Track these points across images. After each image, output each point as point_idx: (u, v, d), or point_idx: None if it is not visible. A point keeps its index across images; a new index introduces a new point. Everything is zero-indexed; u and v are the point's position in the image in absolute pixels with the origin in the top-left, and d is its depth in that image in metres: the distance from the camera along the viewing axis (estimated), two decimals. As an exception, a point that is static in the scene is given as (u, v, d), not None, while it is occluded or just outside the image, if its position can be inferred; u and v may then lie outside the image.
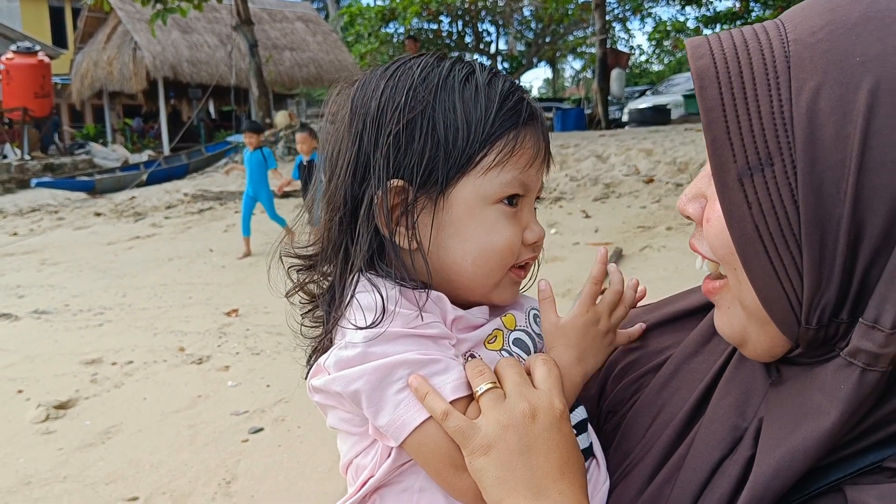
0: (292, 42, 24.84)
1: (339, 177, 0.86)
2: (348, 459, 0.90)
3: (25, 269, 9.08)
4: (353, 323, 0.81)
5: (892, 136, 0.55)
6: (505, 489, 0.72)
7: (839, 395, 0.61)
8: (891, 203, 0.56)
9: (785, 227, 0.61)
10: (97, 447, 4.19)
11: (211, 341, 5.93)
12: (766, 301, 0.65)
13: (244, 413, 4.51)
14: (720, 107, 0.62)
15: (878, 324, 0.58)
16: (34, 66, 18.07)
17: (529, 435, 0.73)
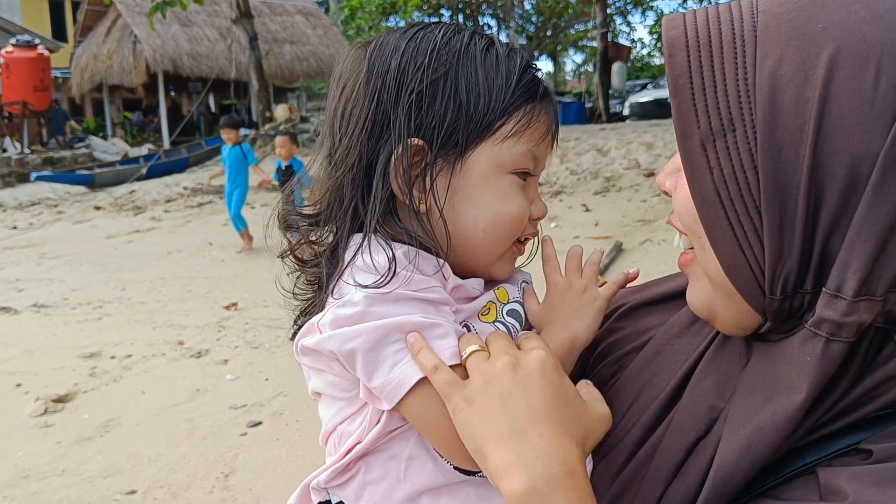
0: (292, 35, 24.78)
1: (354, 134, 0.84)
2: (332, 426, 0.87)
3: (25, 263, 9.08)
4: (356, 282, 0.79)
5: (849, 99, 0.55)
6: (484, 436, 0.70)
7: (805, 368, 0.61)
8: (849, 167, 0.56)
9: (745, 192, 0.60)
10: (95, 441, 4.18)
11: (210, 335, 5.93)
12: (728, 269, 0.64)
13: (243, 407, 4.50)
14: (687, 73, 0.62)
15: (841, 292, 0.58)
16: (34, 60, 18.00)
17: (510, 383, 0.72)
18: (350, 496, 0.86)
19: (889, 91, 0.55)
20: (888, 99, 0.55)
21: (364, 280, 0.79)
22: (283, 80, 25.21)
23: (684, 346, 0.84)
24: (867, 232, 0.56)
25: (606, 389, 0.88)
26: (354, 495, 0.86)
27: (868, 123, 0.55)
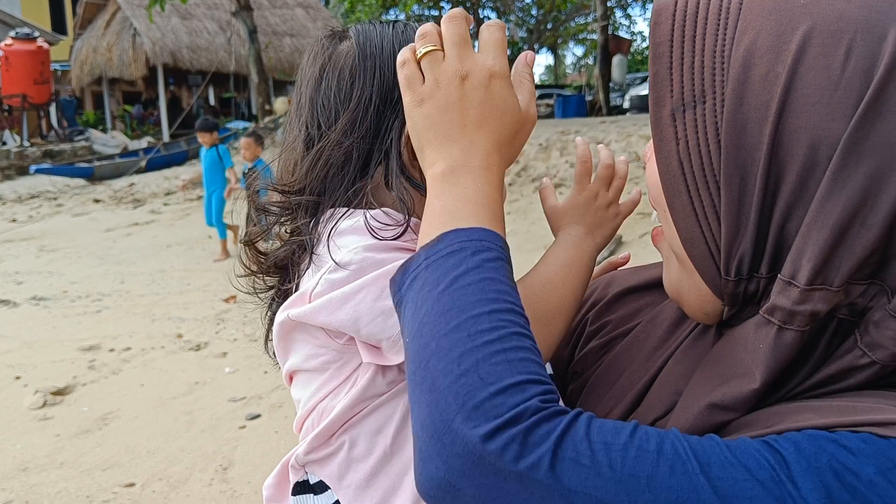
0: (292, 28, 24.72)
1: (359, 109, 0.85)
2: (312, 405, 0.84)
3: (24, 256, 9.07)
4: (350, 244, 0.79)
5: (816, 77, 0.54)
6: (425, 139, 0.75)
7: (759, 354, 0.60)
8: (808, 148, 0.55)
9: (707, 166, 0.60)
10: (94, 433, 4.18)
11: (209, 328, 5.93)
12: (687, 244, 0.64)
13: (241, 399, 4.50)
14: (669, 42, 0.62)
15: (795, 280, 0.57)
16: (33, 53, 17.97)
17: (457, 93, 0.75)
18: (332, 475, 0.83)
19: (857, 72, 0.53)
20: (854, 80, 0.53)
21: (360, 240, 0.79)
22: (283, 73, 25.15)
23: (668, 333, 0.84)
24: (824, 219, 0.55)
25: (590, 372, 0.89)
26: (337, 473, 0.82)
27: (832, 104, 0.54)
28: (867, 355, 0.57)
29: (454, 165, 0.72)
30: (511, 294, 0.63)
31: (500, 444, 0.53)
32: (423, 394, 0.59)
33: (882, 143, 0.53)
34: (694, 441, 0.54)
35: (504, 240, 0.69)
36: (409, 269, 0.67)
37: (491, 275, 0.63)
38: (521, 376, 0.57)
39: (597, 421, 0.55)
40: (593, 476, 0.52)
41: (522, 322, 0.62)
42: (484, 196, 0.71)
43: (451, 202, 0.71)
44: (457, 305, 0.61)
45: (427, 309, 0.62)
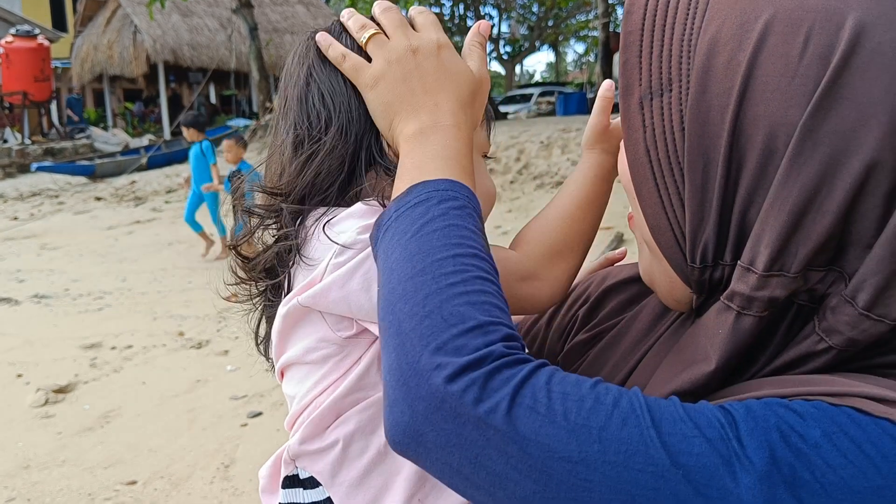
0: (293, 25, 24.70)
1: (351, 110, 0.85)
2: (308, 400, 0.82)
3: (26, 254, 9.08)
4: (351, 227, 0.78)
5: (775, 65, 0.55)
6: (390, 112, 0.79)
7: (717, 339, 0.61)
8: (767, 135, 0.55)
9: (672, 153, 0.61)
10: (96, 431, 4.19)
11: (210, 326, 5.93)
12: (654, 231, 0.65)
13: (243, 397, 4.51)
14: (639, 30, 0.63)
15: (753, 266, 0.57)
16: (34, 50, 17.95)
17: (410, 64, 0.80)
18: (325, 472, 0.80)
19: (813, 60, 0.54)
20: (812, 68, 0.54)
21: (359, 222, 0.78)
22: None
23: (650, 326, 0.84)
24: (780, 205, 0.55)
25: (577, 365, 0.90)
26: (330, 471, 0.80)
27: (789, 91, 0.54)
28: (824, 340, 0.58)
29: (423, 126, 0.75)
30: (475, 240, 0.65)
31: (462, 386, 0.53)
32: (390, 338, 0.60)
33: (837, 130, 0.53)
34: (652, 400, 0.54)
35: (471, 190, 0.71)
36: (382, 222, 0.69)
37: (456, 221, 0.65)
38: (485, 317, 0.57)
39: (560, 373, 0.56)
40: (547, 424, 0.52)
41: (486, 267, 0.63)
42: (452, 150, 0.74)
43: (420, 159, 0.73)
44: (422, 250, 0.62)
45: (396, 256, 0.64)
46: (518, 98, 26.42)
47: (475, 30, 0.87)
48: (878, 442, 0.50)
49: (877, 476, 0.49)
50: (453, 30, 30.74)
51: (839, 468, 0.50)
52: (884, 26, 0.53)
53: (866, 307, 0.55)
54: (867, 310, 0.55)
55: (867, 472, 0.50)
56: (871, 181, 0.53)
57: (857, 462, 0.50)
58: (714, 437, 0.51)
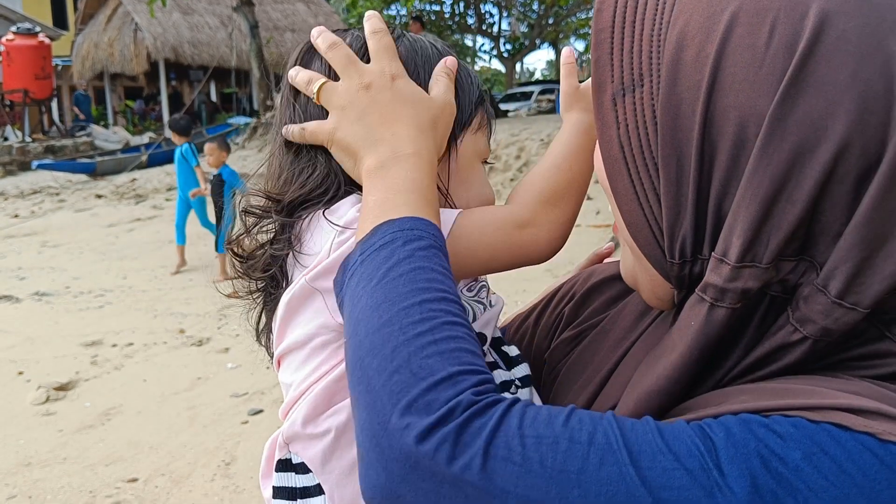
0: (293, 23, 24.68)
1: None
2: (306, 387, 0.82)
3: (26, 252, 9.08)
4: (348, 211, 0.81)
5: (742, 56, 0.55)
6: (352, 154, 0.79)
7: (689, 331, 0.60)
8: (737, 126, 0.55)
9: (646, 148, 0.61)
10: (97, 429, 4.19)
11: (211, 323, 5.94)
12: (631, 228, 0.64)
13: (244, 395, 4.51)
14: (610, 28, 0.63)
15: (726, 257, 0.57)
16: (35, 48, 17.93)
17: (364, 102, 0.80)
18: (316, 459, 0.81)
19: (779, 50, 0.54)
20: (778, 58, 0.54)
21: (356, 204, 0.81)
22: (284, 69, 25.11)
23: (633, 324, 0.84)
24: (751, 196, 0.55)
25: (563, 363, 0.91)
26: (321, 458, 0.81)
27: (757, 82, 0.54)
28: (798, 331, 0.57)
29: (383, 159, 0.76)
30: (442, 281, 0.64)
31: (434, 444, 0.53)
32: (360, 395, 0.59)
33: (805, 119, 0.53)
34: (627, 427, 0.54)
35: (436, 226, 0.70)
36: (348, 266, 0.68)
37: (422, 263, 0.64)
38: (454, 367, 0.57)
39: (531, 410, 0.55)
40: (525, 474, 0.52)
41: (454, 310, 0.62)
42: (414, 183, 0.73)
43: (383, 195, 0.73)
44: (389, 298, 0.62)
45: (362, 305, 0.63)
46: (518, 96, 26.42)
47: (441, 65, 0.87)
48: (859, 459, 0.50)
49: (860, 497, 0.49)
50: (453, 28, 30.71)
51: (822, 491, 0.49)
52: (847, 14, 0.53)
53: (838, 295, 0.55)
54: (839, 298, 0.55)
55: (850, 493, 0.49)
56: (840, 169, 0.53)
57: (839, 483, 0.49)
58: (694, 468, 0.51)
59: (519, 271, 0.96)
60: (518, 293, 5.59)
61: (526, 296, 5.37)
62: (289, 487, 0.84)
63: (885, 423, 0.51)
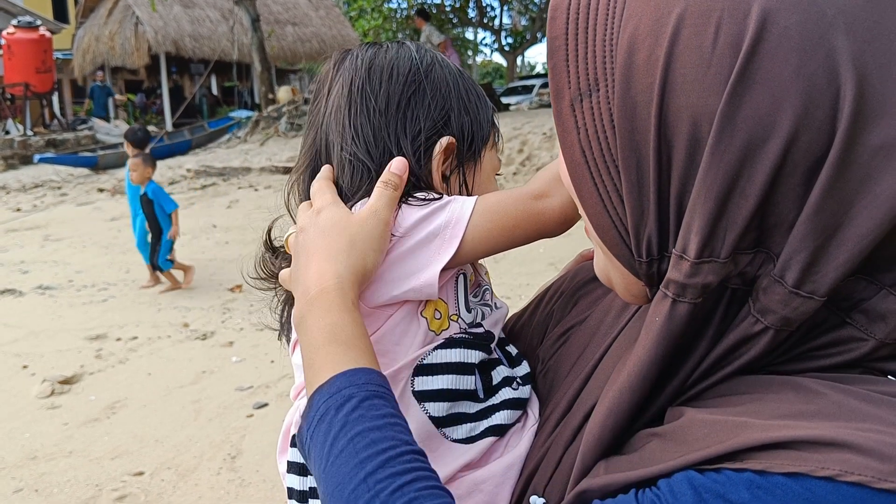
0: (295, 17, 24.65)
1: (400, 124, 0.95)
2: None
3: (29, 245, 9.08)
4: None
5: (691, 57, 0.55)
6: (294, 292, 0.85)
7: (653, 327, 0.62)
8: (691, 125, 0.56)
9: (606, 152, 0.62)
10: (102, 422, 4.20)
11: (215, 317, 5.94)
12: (598, 230, 0.65)
13: (249, 388, 4.51)
14: (564, 35, 0.64)
15: (685, 253, 0.58)
16: (36, 41, 17.89)
17: (297, 247, 0.88)
18: None
19: (725, 49, 0.54)
20: (724, 57, 0.54)
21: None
22: (286, 62, 25.10)
23: (615, 319, 0.86)
24: (706, 192, 0.56)
25: (551, 360, 0.93)
26: None
27: (706, 81, 0.55)
28: (760, 321, 0.58)
29: (309, 299, 0.80)
30: (381, 438, 0.67)
31: None
32: None
33: (753, 115, 0.54)
34: None
35: (363, 369, 0.73)
36: (303, 442, 0.72)
37: (358, 428, 0.67)
38: None
39: None
40: None
41: (400, 466, 0.65)
42: (329, 330, 0.76)
43: (308, 354, 0.77)
44: (338, 483, 0.65)
45: (321, 491, 0.68)
46: (520, 89, 26.36)
47: (388, 167, 0.90)
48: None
49: None
50: (454, 21, 30.64)
51: None
52: (787, 10, 0.53)
53: (795, 285, 0.56)
54: (796, 287, 0.56)
55: None
56: (789, 162, 0.54)
57: None
58: None
59: (521, 266, 0.98)
60: (521, 287, 5.59)
61: (529, 290, 5.36)
62: (300, 463, 0.89)
63: (847, 458, 0.50)
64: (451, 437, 0.85)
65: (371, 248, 0.84)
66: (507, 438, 0.87)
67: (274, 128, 16.71)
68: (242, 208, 10.29)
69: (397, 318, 0.87)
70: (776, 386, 0.58)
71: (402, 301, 0.87)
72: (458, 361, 0.88)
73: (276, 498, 3.35)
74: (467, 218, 0.87)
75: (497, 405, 0.88)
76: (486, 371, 0.90)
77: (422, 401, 0.85)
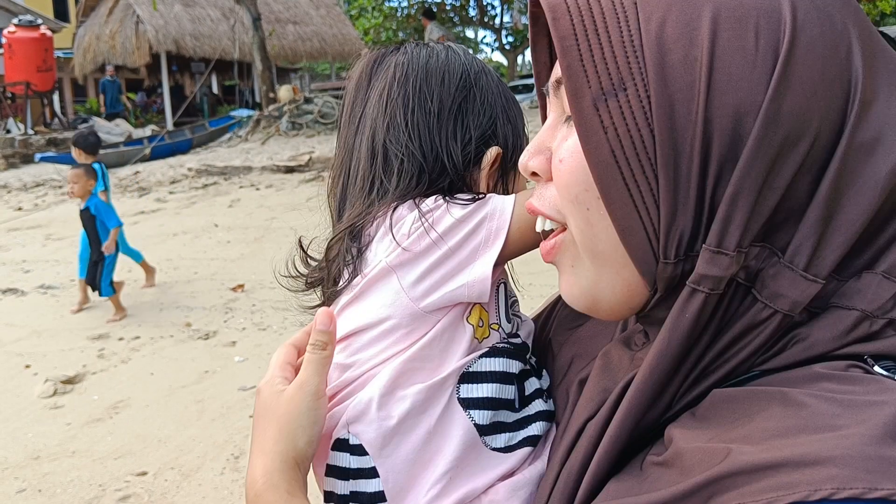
0: (295, 16, 24.63)
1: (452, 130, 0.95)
2: (367, 368, 0.88)
3: (31, 244, 9.08)
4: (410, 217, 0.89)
5: (733, 57, 0.59)
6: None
7: (682, 323, 0.62)
8: (735, 120, 0.59)
9: (640, 151, 0.61)
10: (105, 422, 4.20)
11: (217, 317, 5.94)
12: (624, 233, 0.64)
13: (251, 388, 4.51)
14: (573, 35, 0.64)
15: (722, 247, 0.60)
16: (36, 40, 17.88)
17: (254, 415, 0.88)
18: (375, 443, 0.84)
19: (767, 50, 0.59)
20: (767, 59, 0.59)
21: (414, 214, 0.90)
22: (287, 61, 25.09)
23: (604, 330, 0.86)
24: (750, 184, 0.59)
25: (549, 362, 0.95)
26: (380, 443, 0.84)
27: (753, 79, 0.59)
28: (769, 307, 0.61)
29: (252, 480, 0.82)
30: None
31: None
32: None
33: (791, 112, 0.58)
34: None
35: None
36: None
37: None
38: None
39: None
40: None
41: None
42: None
43: None
44: None
45: None
46: (521, 88, 26.34)
47: (314, 323, 0.86)
48: None
49: None
50: (455, 19, 30.62)
51: None
52: (811, 22, 0.60)
53: (805, 269, 0.60)
54: (805, 271, 0.60)
55: None
56: (810, 158, 0.59)
57: None
58: None
59: (523, 266, 1.00)
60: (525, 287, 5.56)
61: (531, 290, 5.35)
62: (342, 467, 0.87)
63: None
64: (490, 446, 0.85)
65: (301, 427, 0.82)
66: (536, 449, 0.88)
67: (275, 127, 16.70)
68: (244, 207, 10.28)
69: (445, 324, 0.86)
70: (764, 401, 0.59)
71: (452, 305, 0.86)
72: (502, 371, 0.87)
73: (279, 498, 3.35)
74: (511, 209, 0.88)
75: (532, 416, 0.88)
76: (520, 382, 0.90)
77: (467, 408, 0.85)
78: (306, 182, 11.68)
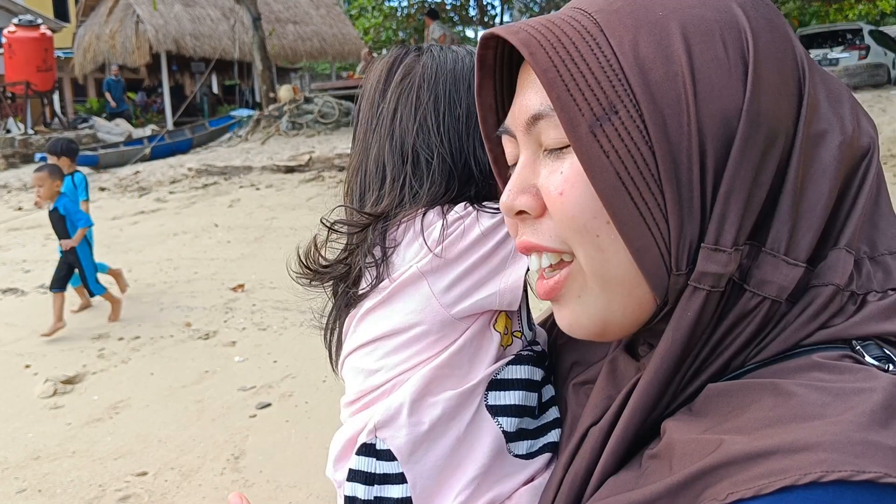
0: (295, 15, 24.63)
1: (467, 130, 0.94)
2: (395, 374, 0.87)
3: (31, 244, 9.08)
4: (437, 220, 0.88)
5: (710, 67, 0.62)
6: None
7: (684, 321, 0.64)
8: (723, 124, 0.62)
9: (643, 169, 0.63)
10: (105, 422, 4.20)
11: (217, 317, 5.94)
12: (638, 252, 0.64)
13: (251, 388, 4.51)
14: (553, 67, 0.64)
15: (720, 244, 0.62)
16: (36, 40, 17.86)
17: None
18: (403, 449, 0.85)
19: (737, 58, 0.63)
20: (738, 64, 0.63)
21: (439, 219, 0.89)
22: (287, 61, 25.09)
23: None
24: (741, 182, 0.62)
25: (556, 363, 0.95)
26: (409, 449, 0.85)
27: (731, 85, 0.62)
28: (757, 294, 0.63)
29: None
30: None
31: None
32: None
33: (767, 112, 0.62)
34: None
35: None
36: None
37: None
38: None
39: None
40: None
41: None
42: None
43: None
44: None
45: None
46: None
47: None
48: None
49: None
50: (455, 20, 30.62)
51: None
52: (763, 29, 0.65)
53: (786, 253, 0.62)
54: (786, 255, 0.62)
55: None
56: (784, 152, 0.64)
57: None
58: None
59: None
60: (524, 286, 5.57)
61: (532, 289, 5.35)
62: (367, 472, 0.86)
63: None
64: (513, 453, 0.86)
65: None
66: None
67: (275, 126, 16.69)
68: (244, 207, 10.28)
69: (473, 331, 0.87)
70: (756, 392, 0.60)
71: (480, 312, 0.87)
72: (527, 378, 0.88)
73: (279, 498, 3.35)
74: None
75: (550, 423, 0.88)
76: (539, 389, 0.90)
77: (495, 415, 0.86)
78: (306, 182, 11.68)
